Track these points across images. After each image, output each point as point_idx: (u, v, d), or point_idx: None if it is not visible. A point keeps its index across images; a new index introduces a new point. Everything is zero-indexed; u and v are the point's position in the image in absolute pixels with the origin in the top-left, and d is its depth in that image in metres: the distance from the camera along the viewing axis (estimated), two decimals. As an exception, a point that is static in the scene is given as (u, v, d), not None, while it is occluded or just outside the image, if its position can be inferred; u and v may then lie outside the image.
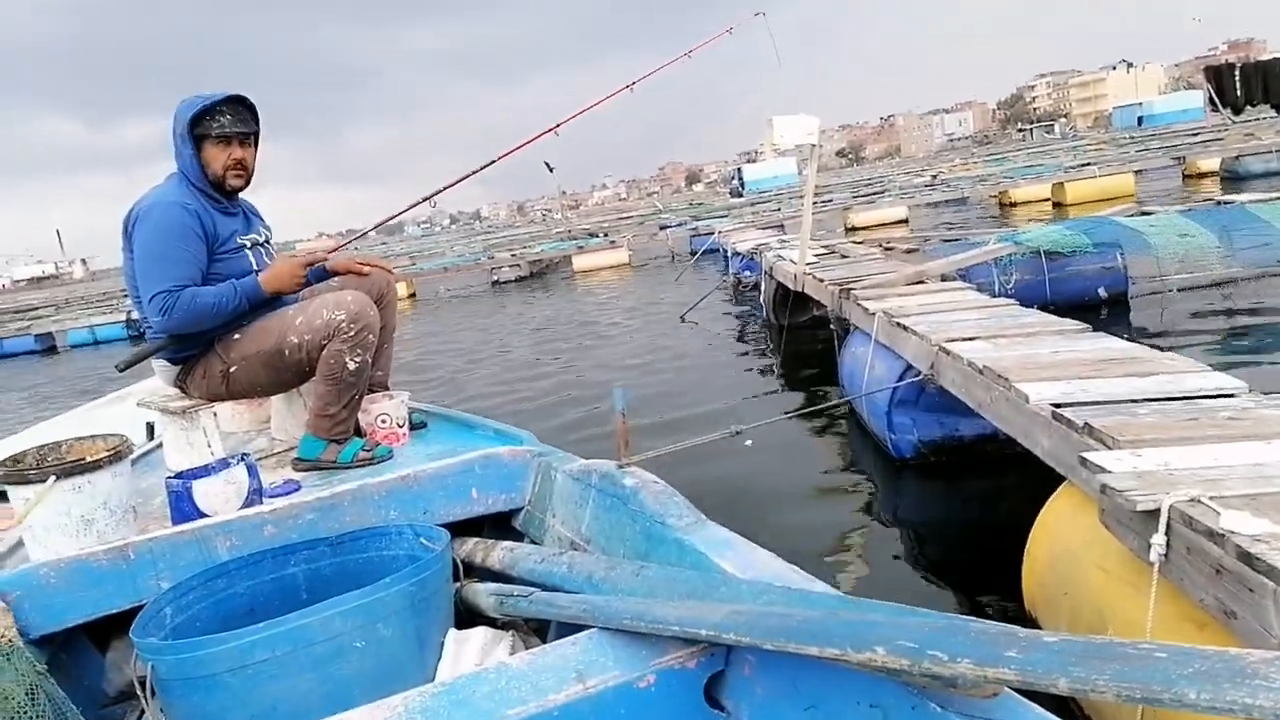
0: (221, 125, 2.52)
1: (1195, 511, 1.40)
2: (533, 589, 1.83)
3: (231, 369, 2.58)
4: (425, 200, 3.81)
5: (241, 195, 2.71)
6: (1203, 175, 17.77)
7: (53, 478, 2.00)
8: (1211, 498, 1.43)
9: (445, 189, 3.86)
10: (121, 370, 2.71)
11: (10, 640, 1.76)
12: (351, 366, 2.53)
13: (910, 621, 1.13)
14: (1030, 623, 2.10)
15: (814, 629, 1.18)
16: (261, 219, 2.84)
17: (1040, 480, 2.29)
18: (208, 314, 2.50)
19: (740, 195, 36.13)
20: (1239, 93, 26.52)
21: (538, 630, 2.06)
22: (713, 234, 14.55)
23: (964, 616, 1.16)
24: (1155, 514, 1.45)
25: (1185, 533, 1.40)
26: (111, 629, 2.06)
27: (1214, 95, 26.96)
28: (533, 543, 2.27)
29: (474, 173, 3.94)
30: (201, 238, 2.50)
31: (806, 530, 3.26)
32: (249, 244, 2.67)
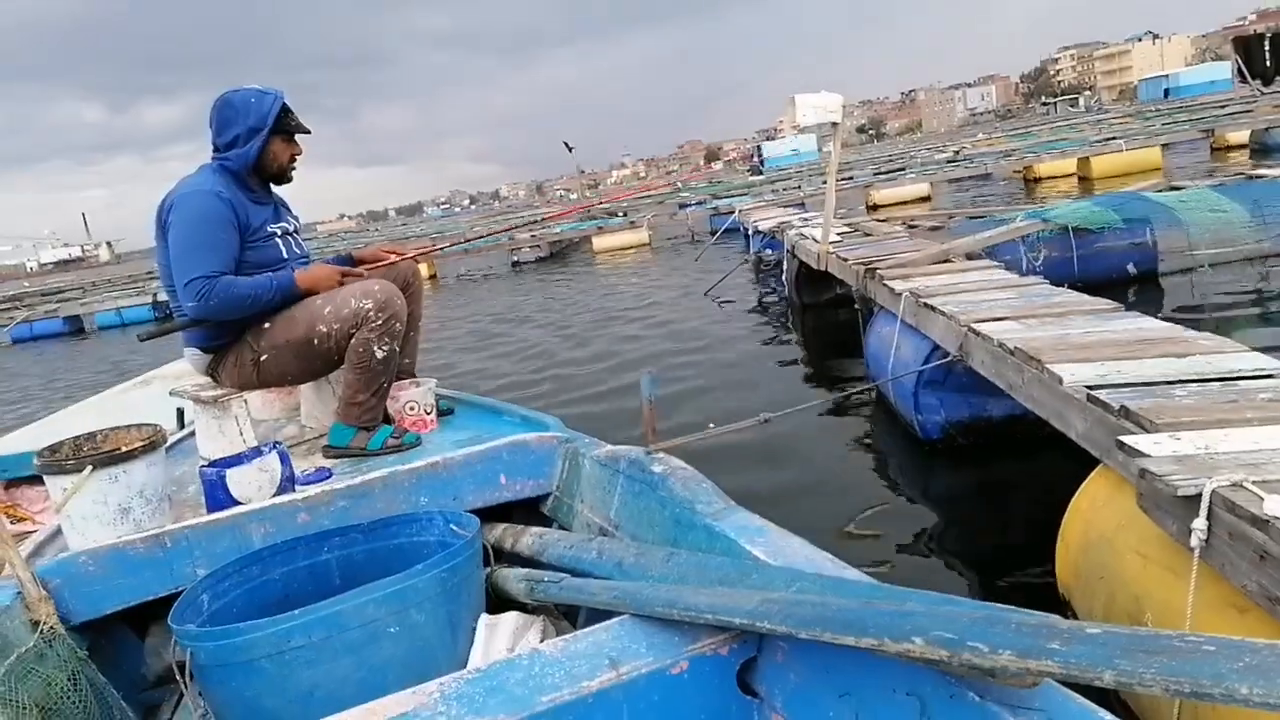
0: (295, 123, 2.68)
1: (1238, 497, 1.38)
2: (563, 575, 1.84)
3: (262, 358, 2.61)
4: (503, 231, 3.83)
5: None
6: (1231, 148, 17.44)
7: (89, 467, 2.02)
8: (1254, 482, 1.41)
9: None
10: (143, 340, 2.77)
11: (52, 627, 1.80)
12: (380, 355, 2.55)
13: (948, 611, 1.12)
14: (1064, 606, 2.08)
15: (849, 618, 1.17)
16: (289, 208, 2.88)
17: (1072, 461, 2.27)
18: (243, 303, 2.53)
19: (760, 173, 35.91)
20: (1268, 63, 25.95)
21: (567, 614, 2.07)
22: (733, 213, 14.46)
23: (1003, 606, 1.15)
24: (1196, 499, 1.43)
25: (1227, 518, 1.38)
26: (150, 615, 2.10)
27: (1242, 66, 26.40)
28: (561, 528, 2.28)
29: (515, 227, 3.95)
30: (235, 226, 2.54)
31: (834, 513, 3.24)
32: (279, 232, 2.71)
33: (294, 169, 2.76)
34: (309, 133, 2.74)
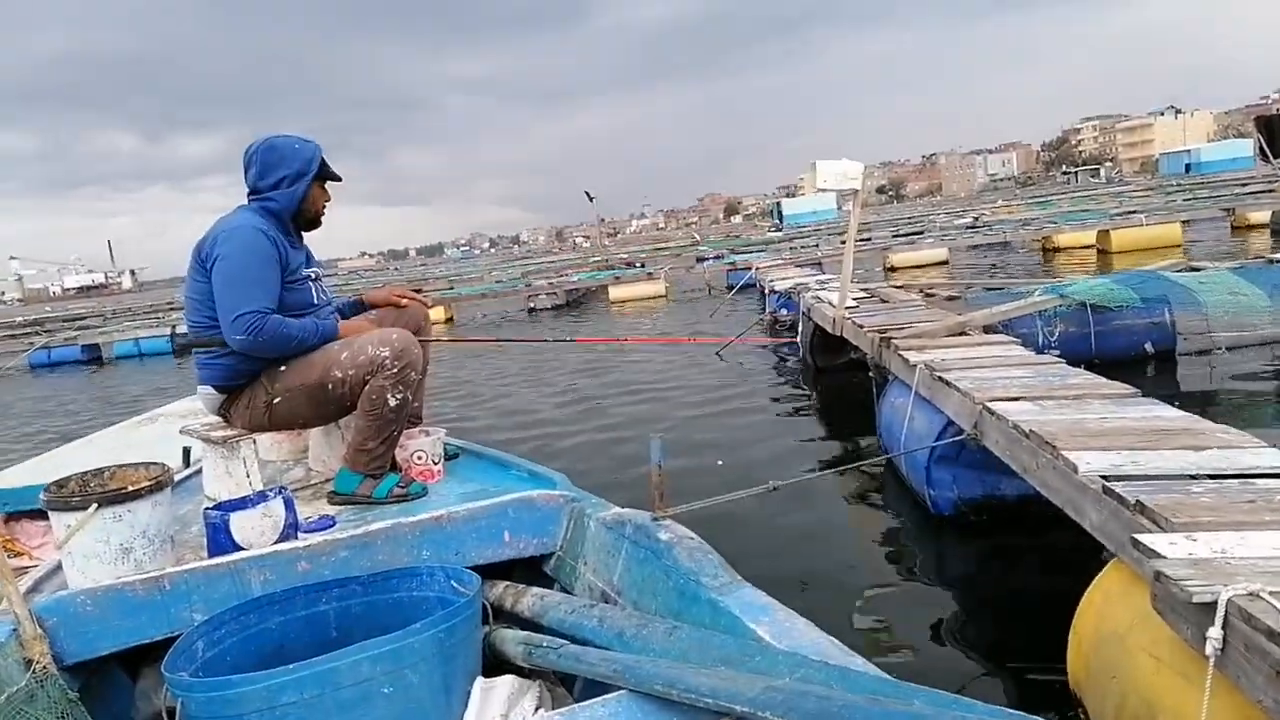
0: (331, 171, 2.77)
1: (1255, 607, 1.34)
2: (562, 641, 1.81)
3: (275, 400, 2.62)
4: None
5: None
6: (1252, 227, 17.44)
7: (95, 505, 2.02)
8: (1271, 592, 1.38)
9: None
10: (181, 346, 2.78)
11: (45, 667, 1.78)
12: (392, 403, 2.56)
13: (957, 716, 1.09)
14: (1074, 703, 2.03)
15: (855, 715, 1.15)
16: (313, 256, 2.94)
17: (1086, 546, 2.23)
18: (289, 343, 2.58)
19: (779, 230, 36.21)
20: (1291, 143, 25.98)
21: (564, 680, 2.04)
22: (750, 269, 14.53)
23: (1012, 712, 1.12)
24: (1212, 606, 1.40)
25: (1243, 629, 1.35)
26: (143, 657, 2.08)
27: (1264, 144, 26.46)
28: (563, 589, 2.25)
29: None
30: (279, 265, 2.60)
31: (840, 586, 3.19)
32: (313, 276, 2.78)
33: (324, 216, 2.86)
34: (341, 179, 2.83)
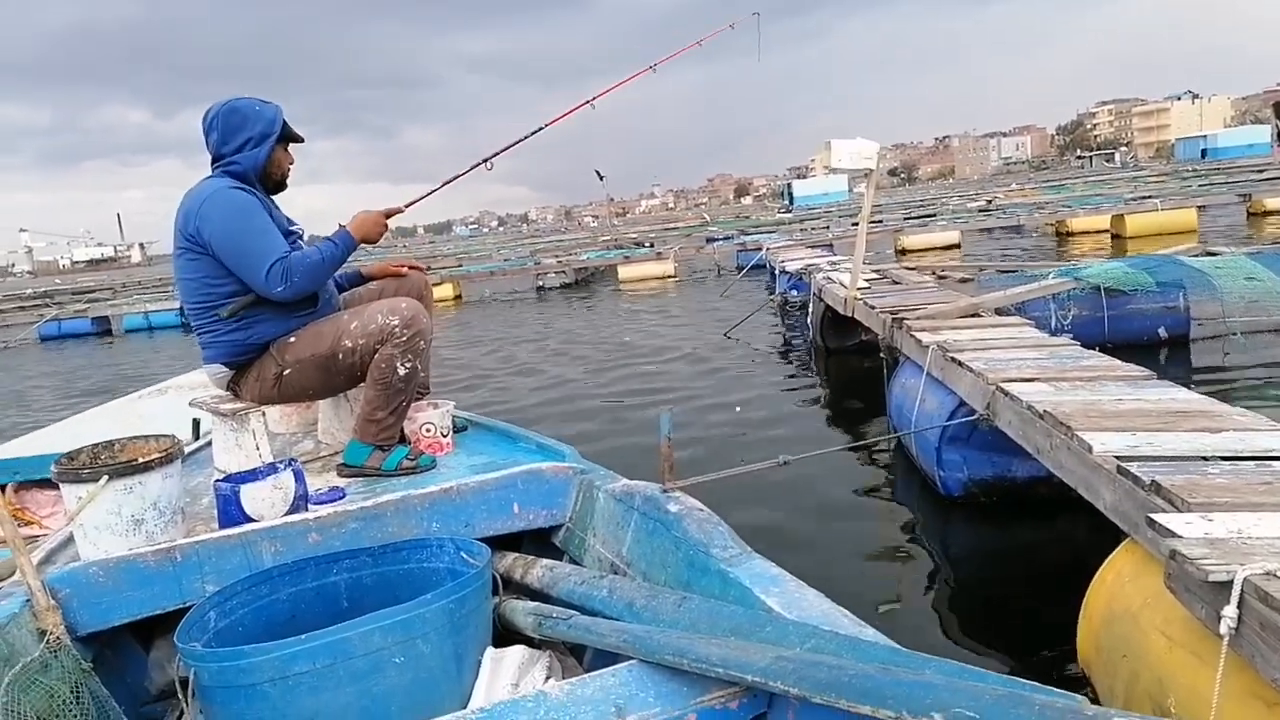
0: (294, 132, 2.71)
1: (1271, 587, 1.34)
2: (571, 611, 1.82)
3: (285, 371, 2.62)
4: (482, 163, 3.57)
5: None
6: (1268, 213, 17.27)
7: (105, 477, 2.02)
8: (1288, 572, 1.37)
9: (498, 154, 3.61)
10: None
11: (59, 638, 1.78)
12: (402, 372, 2.57)
13: (969, 686, 1.09)
14: (1084, 681, 2.03)
15: (867, 685, 1.14)
16: (292, 220, 2.93)
17: (1096, 527, 2.22)
18: (321, 269, 2.59)
19: (790, 211, 36.06)
20: (1309, 129, 25.72)
21: (574, 650, 2.05)
22: (760, 249, 14.48)
23: (1025, 681, 1.12)
24: (1227, 585, 1.39)
25: (1259, 608, 1.34)
26: (155, 627, 2.09)
27: (1281, 131, 26.17)
28: (572, 561, 2.26)
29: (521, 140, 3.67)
30: (268, 214, 2.59)
31: (849, 566, 3.19)
32: (299, 232, 2.78)
33: (289, 178, 2.80)
34: (303, 140, 2.79)
